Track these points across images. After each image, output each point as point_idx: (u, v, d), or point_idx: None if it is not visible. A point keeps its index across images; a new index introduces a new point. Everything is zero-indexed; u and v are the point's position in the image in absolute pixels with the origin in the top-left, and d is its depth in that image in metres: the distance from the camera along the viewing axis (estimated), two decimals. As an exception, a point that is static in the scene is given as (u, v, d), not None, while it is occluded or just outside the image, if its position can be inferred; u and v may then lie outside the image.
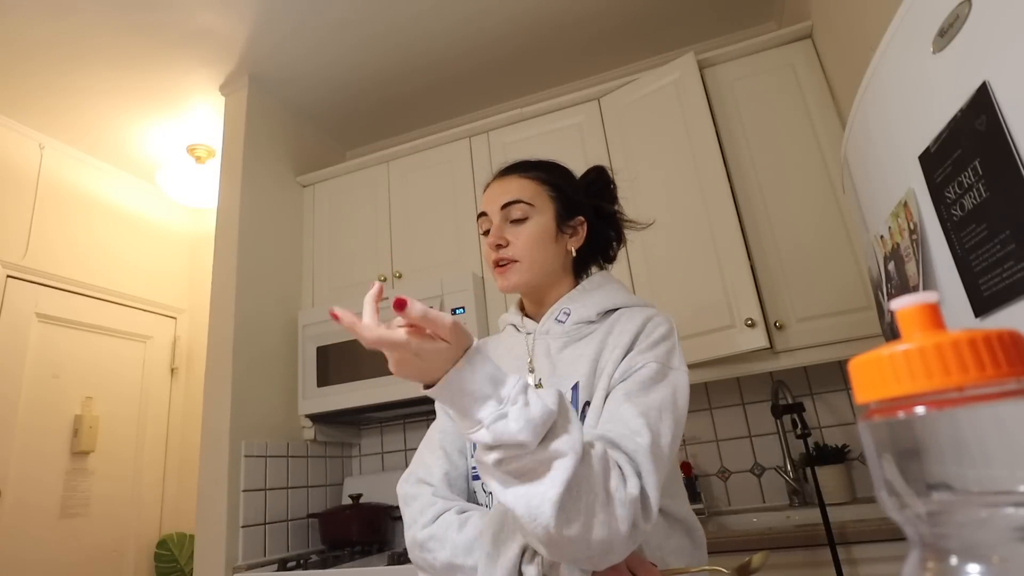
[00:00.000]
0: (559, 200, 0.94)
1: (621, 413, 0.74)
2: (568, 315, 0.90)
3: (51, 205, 2.51)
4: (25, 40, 2.02)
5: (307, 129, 2.59)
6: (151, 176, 2.84)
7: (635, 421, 0.72)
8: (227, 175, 2.20)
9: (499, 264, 0.90)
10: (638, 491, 0.64)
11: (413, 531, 0.81)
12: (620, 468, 0.66)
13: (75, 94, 2.30)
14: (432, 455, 0.88)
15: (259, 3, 1.95)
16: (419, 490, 0.85)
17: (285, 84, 2.35)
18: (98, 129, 2.52)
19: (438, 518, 0.80)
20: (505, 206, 0.91)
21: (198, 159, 2.69)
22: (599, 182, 1.02)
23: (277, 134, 2.40)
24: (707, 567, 0.78)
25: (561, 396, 0.62)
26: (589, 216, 0.97)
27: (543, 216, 0.91)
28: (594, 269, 1.01)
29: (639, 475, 0.66)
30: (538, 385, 0.87)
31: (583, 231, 0.96)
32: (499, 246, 0.90)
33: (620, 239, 1.02)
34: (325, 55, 2.22)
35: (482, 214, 0.94)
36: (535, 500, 0.59)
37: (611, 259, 1.02)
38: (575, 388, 0.82)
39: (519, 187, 0.93)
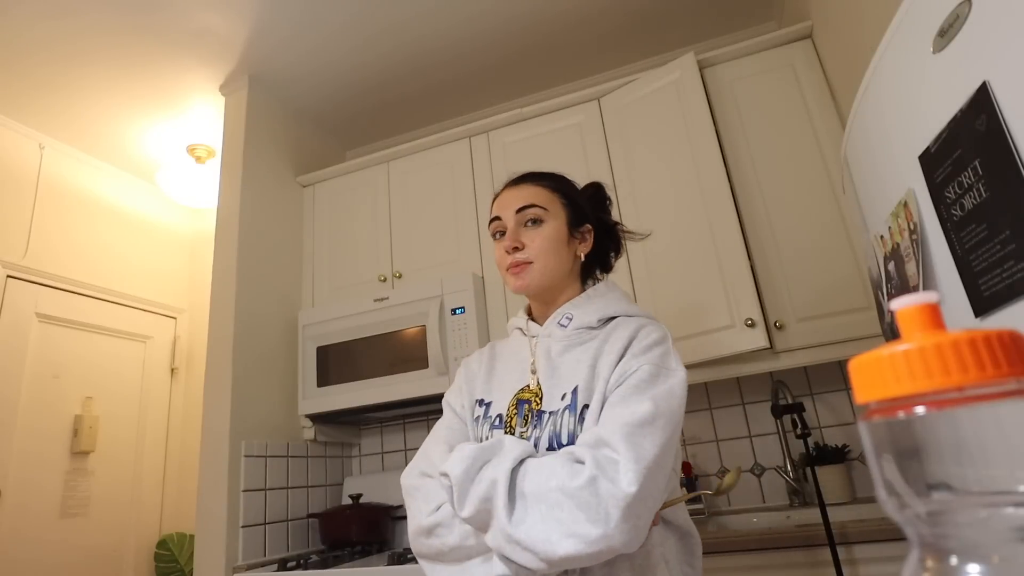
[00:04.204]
0: (570, 207, 0.99)
1: (612, 416, 0.77)
2: (570, 320, 0.94)
3: (51, 205, 2.51)
4: (25, 40, 2.02)
5: (307, 129, 2.59)
6: (151, 176, 2.84)
7: (619, 422, 0.75)
8: (227, 175, 2.20)
9: (513, 266, 0.94)
10: (606, 478, 0.70)
11: (418, 520, 0.83)
12: (591, 465, 0.71)
13: (75, 94, 2.30)
14: (437, 449, 0.91)
15: (259, 3, 1.95)
16: (422, 482, 0.87)
17: (285, 84, 2.35)
18: (98, 129, 2.52)
19: (442, 506, 0.82)
20: (520, 210, 0.95)
21: (198, 159, 2.69)
22: (598, 196, 1.07)
23: (277, 134, 2.40)
24: (692, 493, 0.84)
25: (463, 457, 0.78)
26: (595, 225, 1.02)
27: (556, 221, 0.96)
28: (600, 277, 1.05)
29: (615, 461, 0.71)
30: (538, 385, 0.90)
31: (591, 238, 1.01)
32: (515, 248, 0.94)
33: (619, 250, 1.08)
34: (325, 55, 2.22)
35: (496, 218, 0.99)
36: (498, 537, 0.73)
37: (609, 268, 1.07)
38: (575, 392, 0.85)
39: (533, 193, 0.98)
